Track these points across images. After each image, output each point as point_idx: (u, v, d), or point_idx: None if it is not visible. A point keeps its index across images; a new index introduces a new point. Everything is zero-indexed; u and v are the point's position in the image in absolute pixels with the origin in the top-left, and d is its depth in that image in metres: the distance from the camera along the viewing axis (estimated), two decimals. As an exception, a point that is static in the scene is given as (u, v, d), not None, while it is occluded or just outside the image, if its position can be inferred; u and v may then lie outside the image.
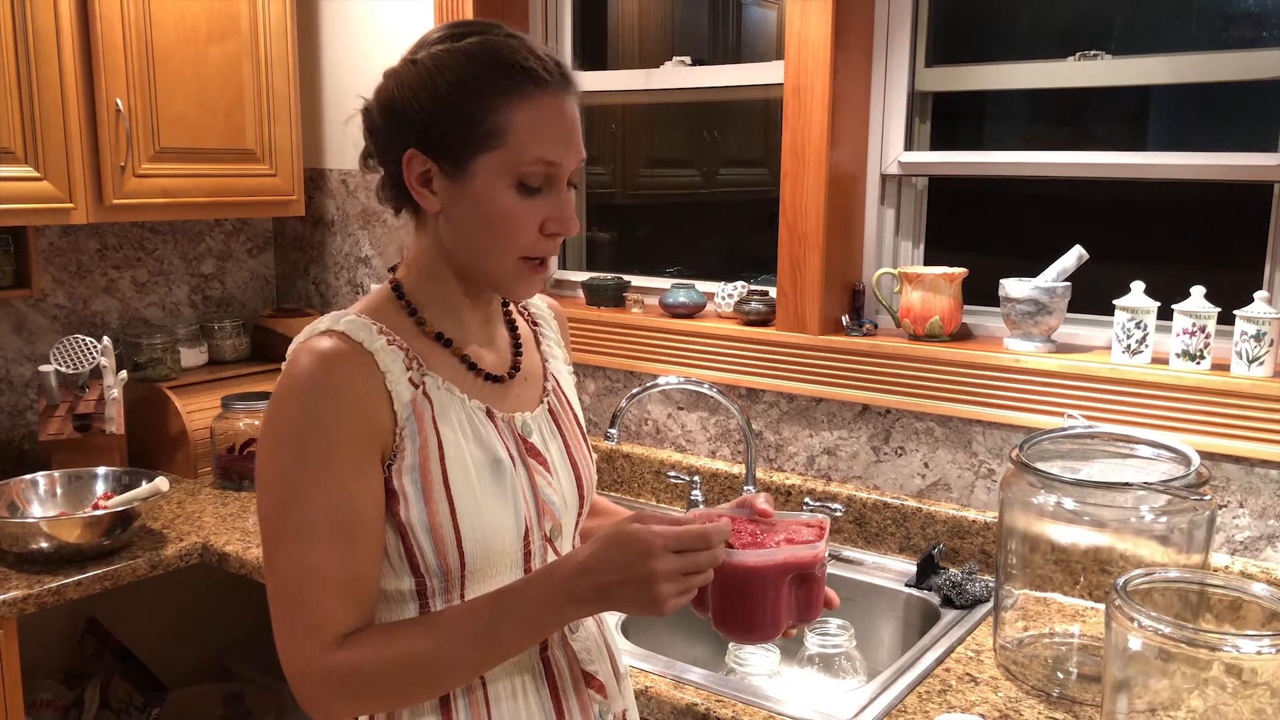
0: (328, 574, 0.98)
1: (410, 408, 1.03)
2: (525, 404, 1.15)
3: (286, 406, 0.99)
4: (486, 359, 1.14)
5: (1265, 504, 1.63)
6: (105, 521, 1.86)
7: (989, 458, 1.87)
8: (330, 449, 0.98)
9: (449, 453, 1.04)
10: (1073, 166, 1.87)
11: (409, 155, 1.03)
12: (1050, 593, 1.51)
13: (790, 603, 1.04)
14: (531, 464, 1.11)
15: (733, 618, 1.03)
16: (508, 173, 1.02)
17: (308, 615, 0.98)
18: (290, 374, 1.00)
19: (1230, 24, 1.78)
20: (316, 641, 0.98)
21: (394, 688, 0.99)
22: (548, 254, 1.07)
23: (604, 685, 1.16)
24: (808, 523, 1.08)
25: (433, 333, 1.09)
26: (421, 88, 1.03)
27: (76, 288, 2.44)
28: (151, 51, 2.17)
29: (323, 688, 0.98)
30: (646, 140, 2.65)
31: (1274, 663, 1.12)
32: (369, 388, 1.01)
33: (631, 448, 2.27)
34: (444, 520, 1.02)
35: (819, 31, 1.91)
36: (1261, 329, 1.62)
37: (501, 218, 1.03)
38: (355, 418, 0.99)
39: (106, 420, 2.19)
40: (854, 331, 2.01)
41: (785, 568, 1.01)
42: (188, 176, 2.27)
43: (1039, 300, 1.81)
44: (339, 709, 1.01)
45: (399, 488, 1.02)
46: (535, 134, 1.02)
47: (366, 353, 1.02)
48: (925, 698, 1.42)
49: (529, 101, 1.02)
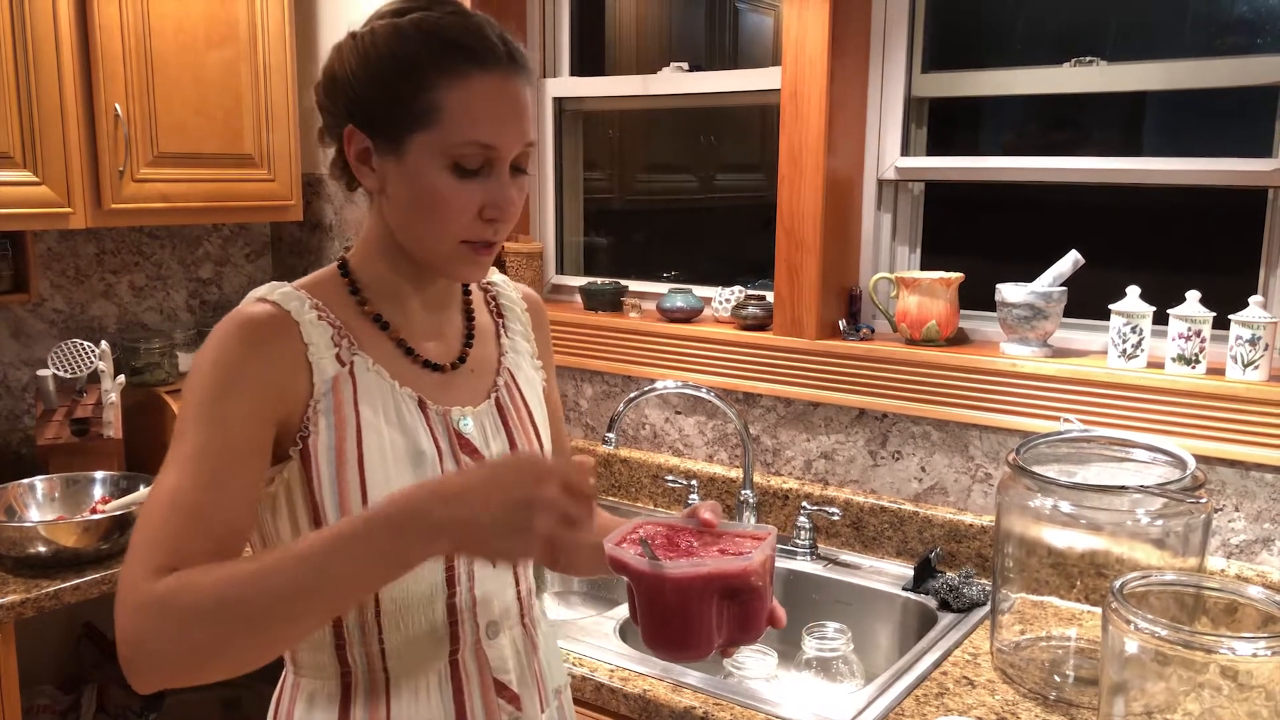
0: (180, 500, 0.93)
1: (331, 384, 1.01)
2: (468, 398, 1.11)
3: (202, 355, 0.99)
4: (429, 346, 1.11)
5: (1260, 507, 1.64)
6: (103, 526, 1.86)
7: (986, 461, 1.87)
8: (226, 391, 0.96)
9: (367, 437, 1.01)
10: (1068, 172, 1.88)
11: (348, 131, 1.02)
12: (1047, 596, 1.51)
13: (723, 619, 0.96)
14: (465, 460, 1.07)
15: (659, 633, 0.97)
16: (442, 154, 0.98)
17: (146, 539, 0.92)
18: (218, 328, 1.00)
19: (1224, 31, 1.79)
20: (141, 567, 0.90)
21: (206, 622, 0.87)
22: (488, 239, 1.03)
23: (518, 696, 1.12)
24: (753, 534, 1.01)
25: (372, 314, 1.07)
26: (358, 63, 1.01)
27: (74, 292, 2.45)
28: (150, 57, 2.17)
29: (131, 616, 0.88)
30: (644, 145, 2.66)
31: (1269, 665, 1.13)
32: (288, 353, 1.00)
33: (629, 452, 2.27)
34: (354, 504, 1.00)
35: (816, 37, 1.92)
36: (1256, 333, 1.63)
37: (435, 199, 0.99)
38: (263, 375, 0.98)
39: (104, 425, 2.19)
40: (851, 336, 2.01)
41: (711, 580, 0.94)
42: (186, 181, 2.27)
43: (1035, 305, 1.81)
44: (145, 646, 0.88)
45: (315, 465, 1.00)
46: (470, 115, 0.98)
47: (293, 321, 1.01)
48: (923, 701, 1.42)
49: (464, 81, 0.98)
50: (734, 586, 0.95)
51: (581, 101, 2.52)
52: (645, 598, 0.95)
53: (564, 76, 2.49)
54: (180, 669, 0.89)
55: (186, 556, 0.90)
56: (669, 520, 1.04)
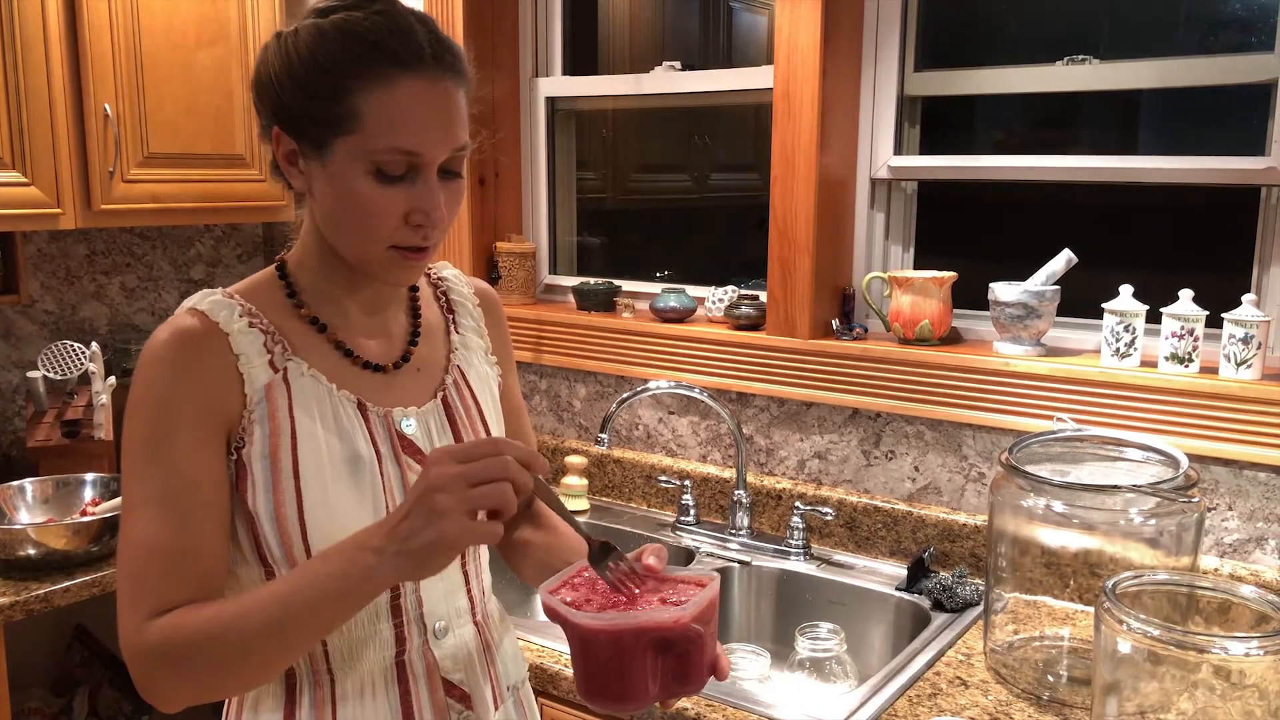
0: (156, 549, 0.95)
1: (264, 392, 1.00)
2: (412, 398, 1.09)
3: (138, 381, 0.98)
4: (369, 347, 1.09)
5: (1254, 506, 1.64)
6: (93, 528, 1.85)
7: (979, 461, 1.87)
8: (170, 426, 0.96)
9: (303, 443, 1.00)
10: (1061, 171, 1.88)
11: (275, 133, 1.00)
12: (1040, 596, 1.51)
13: (658, 670, 0.92)
14: (406, 461, 1.06)
15: (590, 684, 0.93)
16: (363, 159, 0.95)
17: (133, 588, 0.95)
18: (147, 348, 0.99)
19: (1217, 29, 1.79)
20: (136, 615, 0.94)
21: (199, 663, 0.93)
22: (418, 244, 0.99)
23: (468, 695, 1.10)
24: (697, 580, 0.96)
25: (308, 316, 1.06)
26: (281, 65, 0.98)
27: (65, 293, 2.43)
28: (140, 57, 2.16)
29: (138, 660, 0.94)
30: (637, 145, 2.65)
31: (1262, 664, 1.12)
32: (217, 368, 0.99)
33: (622, 452, 2.27)
34: (290, 511, 0.99)
35: (808, 36, 1.92)
36: (1249, 332, 1.62)
37: (359, 205, 0.97)
38: (198, 397, 0.97)
39: (95, 426, 2.18)
40: (844, 335, 2.01)
41: (642, 631, 0.89)
42: (177, 182, 2.26)
43: (1028, 304, 1.81)
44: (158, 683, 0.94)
45: (250, 473, 0.99)
46: (390, 121, 0.95)
47: (221, 333, 1.00)
48: (916, 701, 1.41)
49: (386, 85, 0.94)
50: (668, 639, 0.90)
51: (574, 101, 2.51)
52: (577, 647, 0.93)
53: (556, 76, 2.49)
54: (191, 697, 0.96)
55: (171, 599, 0.95)
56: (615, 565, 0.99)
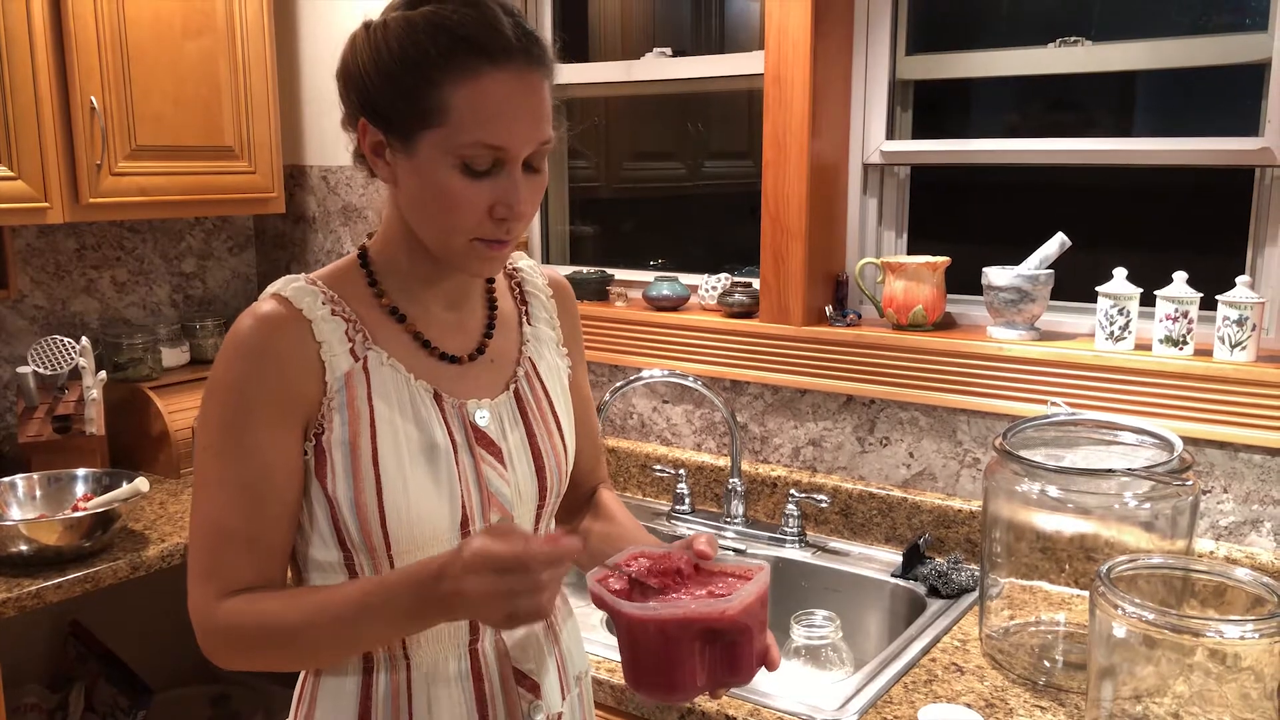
0: (228, 530, 1.00)
1: (344, 380, 1.02)
2: (485, 389, 1.10)
3: (220, 364, 1.01)
4: (446, 338, 1.10)
5: (1249, 489, 1.63)
6: (85, 523, 1.85)
7: (974, 446, 1.86)
8: (248, 412, 0.99)
9: (381, 431, 1.02)
10: (1054, 154, 1.87)
11: (362, 124, 1.01)
12: (1036, 581, 1.51)
13: (706, 662, 0.93)
14: (480, 452, 1.07)
15: (638, 674, 0.94)
16: (450, 153, 0.96)
17: (207, 563, 1.01)
18: (231, 333, 1.02)
19: (1211, 9, 1.78)
20: (209, 590, 1.00)
21: (267, 650, 1.01)
22: (501, 237, 1.01)
23: (538, 685, 1.12)
24: (745, 571, 0.97)
25: (388, 306, 1.07)
26: (370, 57, 0.99)
27: (55, 288, 2.42)
28: (126, 49, 2.14)
29: (206, 633, 1.01)
30: (630, 133, 2.64)
31: (1258, 647, 1.12)
32: (298, 355, 1.00)
33: (617, 442, 2.26)
34: (369, 499, 1.01)
35: (799, 20, 1.90)
36: (1243, 314, 1.62)
37: (444, 198, 0.98)
38: (277, 384, 1.00)
39: (86, 421, 2.17)
40: (838, 322, 2.00)
41: (689, 623, 0.90)
42: (165, 174, 2.25)
43: (1022, 288, 1.80)
44: (226, 657, 1.02)
45: (329, 459, 1.01)
46: (478, 115, 0.95)
47: (305, 320, 1.01)
48: (911, 688, 1.41)
49: (474, 79, 0.95)
50: (715, 630, 0.91)
51: (566, 89, 2.49)
52: (626, 637, 0.93)
53: (547, 64, 2.47)
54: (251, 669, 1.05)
55: (240, 580, 1.00)
56: (663, 549, 1.00)
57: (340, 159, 2.61)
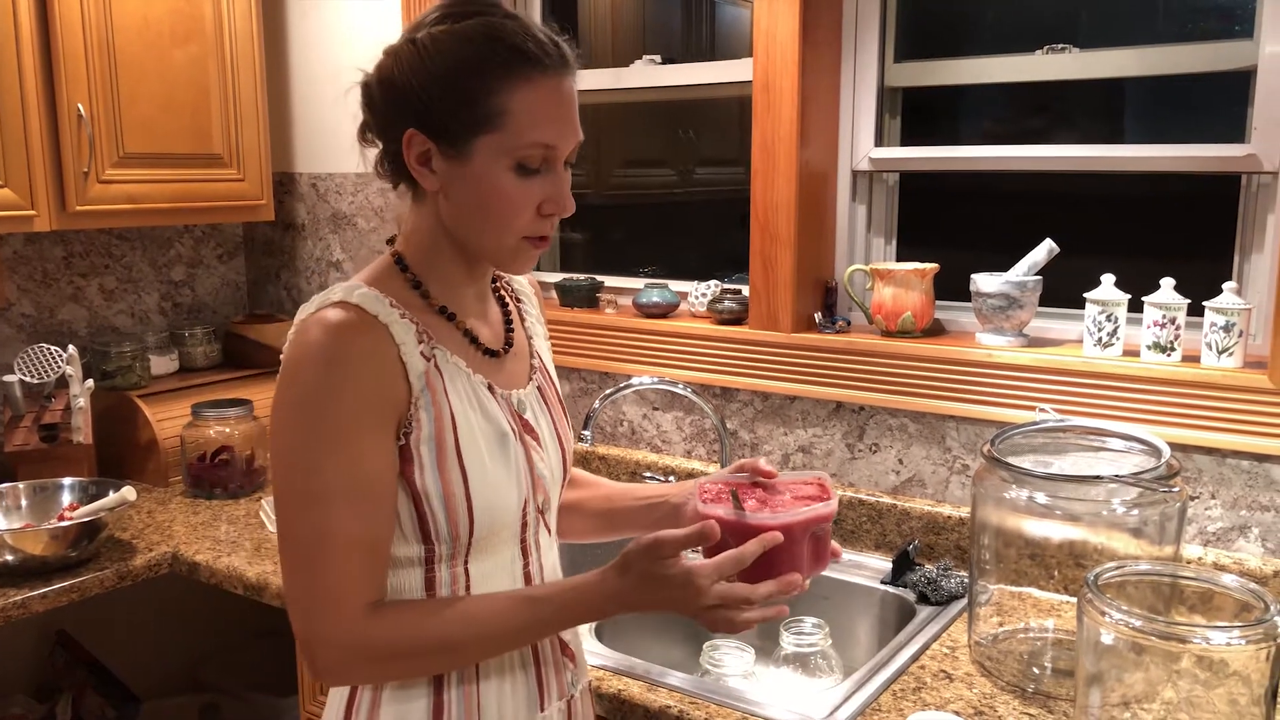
0: (348, 539, 1.00)
1: (424, 379, 1.05)
2: (517, 380, 1.17)
3: (302, 376, 1.01)
4: (484, 334, 1.15)
5: (1237, 494, 1.63)
6: (71, 533, 1.84)
7: (963, 453, 1.86)
8: (347, 417, 1.00)
9: (461, 425, 1.06)
10: (1041, 160, 1.87)
11: (409, 135, 1.04)
12: (1025, 587, 1.50)
13: (807, 556, 1.08)
14: (527, 439, 1.14)
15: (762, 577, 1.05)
16: (506, 155, 1.02)
17: (330, 582, 1.00)
18: (304, 344, 1.01)
19: (1198, 17, 1.78)
20: (343, 609, 1.00)
21: (421, 665, 1.06)
22: (546, 233, 1.08)
23: (575, 654, 1.22)
24: (806, 480, 1.14)
25: (436, 306, 1.11)
26: (421, 69, 1.03)
27: (42, 296, 2.41)
28: (114, 55, 2.14)
29: (350, 654, 1.01)
30: (621, 140, 2.64)
31: (1244, 653, 1.12)
32: (384, 359, 1.03)
33: (607, 449, 2.26)
34: (457, 489, 1.05)
35: (787, 28, 1.90)
36: (1230, 320, 1.62)
37: (500, 199, 1.04)
38: (372, 388, 1.01)
39: (74, 430, 2.16)
40: (827, 329, 2.00)
41: (808, 525, 1.06)
42: (153, 182, 2.24)
43: (1010, 295, 1.80)
44: (360, 676, 1.06)
45: (416, 456, 1.04)
46: (533, 117, 1.02)
47: (381, 325, 1.03)
48: (900, 695, 1.41)
49: (528, 84, 1.02)
50: (823, 527, 1.09)
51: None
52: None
53: (536, 71, 2.46)
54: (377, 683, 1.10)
55: (367, 591, 1.02)
56: (732, 476, 1.17)
57: (330, 166, 2.61)
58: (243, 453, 2.25)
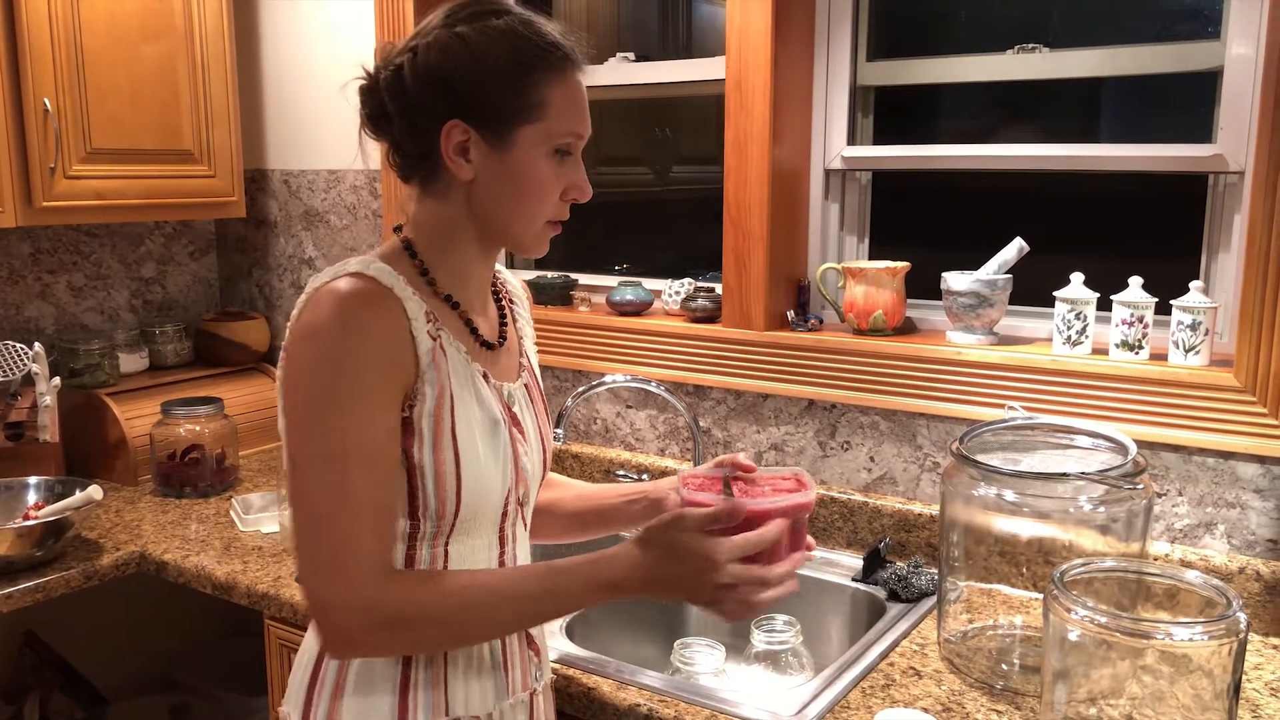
0: (360, 502, 1.01)
1: (430, 356, 1.08)
2: (508, 374, 1.22)
3: (318, 341, 1.03)
4: (482, 326, 1.19)
5: (1203, 492, 1.65)
6: (36, 532, 1.81)
7: (934, 451, 1.87)
8: (361, 382, 1.02)
9: (457, 406, 1.10)
10: (1011, 159, 1.88)
11: (450, 125, 1.08)
12: (995, 584, 1.51)
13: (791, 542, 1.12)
14: (514, 432, 1.17)
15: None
16: (546, 143, 1.09)
17: (344, 544, 1.01)
18: (319, 310, 1.03)
19: (1168, 18, 1.80)
20: (357, 572, 1.00)
21: (434, 635, 1.06)
22: (564, 217, 1.16)
23: (540, 650, 1.24)
24: (784, 476, 1.18)
25: (443, 294, 1.14)
26: (473, 61, 1.07)
27: (8, 293, 2.38)
28: (81, 51, 2.11)
29: (364, 618, 1.01)
30: (597, 138, 2.62)
31: (1207, 649, 1.13)
32: (397, 330, 1.06)
33: (580, 447, 2.25)
34: (448, 468, 1.08)
35: (759, 26, 1.90)
36: (1197, 318, 1.63)
37: (536, 185, 1.10)
38: (385, 357, 1.04)
39: (40, 428, 2.13)
40: (799, 327, 2.00)
41: (791, 511, 1.11)
42: (122, 178, 2.22)
43: (980, 293, 1.81)
44: (372, 644, 1.04)
45: (417, 430, 1.07)
46: (568, 108, 1.10)
47: (395, 298, 1.06)
48: (869, 693, 1.41)
49: (563, 78, 1.10)
50: (801, 516, 1.12)
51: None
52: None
53: (510, 68, 2.46)
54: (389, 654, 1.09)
55: (379, 554, 1.03)
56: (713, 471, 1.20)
57: (302, 163, 2.59)
58: (213, 451, 2.24)
